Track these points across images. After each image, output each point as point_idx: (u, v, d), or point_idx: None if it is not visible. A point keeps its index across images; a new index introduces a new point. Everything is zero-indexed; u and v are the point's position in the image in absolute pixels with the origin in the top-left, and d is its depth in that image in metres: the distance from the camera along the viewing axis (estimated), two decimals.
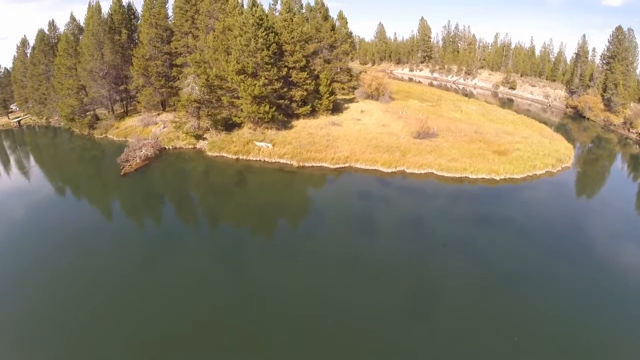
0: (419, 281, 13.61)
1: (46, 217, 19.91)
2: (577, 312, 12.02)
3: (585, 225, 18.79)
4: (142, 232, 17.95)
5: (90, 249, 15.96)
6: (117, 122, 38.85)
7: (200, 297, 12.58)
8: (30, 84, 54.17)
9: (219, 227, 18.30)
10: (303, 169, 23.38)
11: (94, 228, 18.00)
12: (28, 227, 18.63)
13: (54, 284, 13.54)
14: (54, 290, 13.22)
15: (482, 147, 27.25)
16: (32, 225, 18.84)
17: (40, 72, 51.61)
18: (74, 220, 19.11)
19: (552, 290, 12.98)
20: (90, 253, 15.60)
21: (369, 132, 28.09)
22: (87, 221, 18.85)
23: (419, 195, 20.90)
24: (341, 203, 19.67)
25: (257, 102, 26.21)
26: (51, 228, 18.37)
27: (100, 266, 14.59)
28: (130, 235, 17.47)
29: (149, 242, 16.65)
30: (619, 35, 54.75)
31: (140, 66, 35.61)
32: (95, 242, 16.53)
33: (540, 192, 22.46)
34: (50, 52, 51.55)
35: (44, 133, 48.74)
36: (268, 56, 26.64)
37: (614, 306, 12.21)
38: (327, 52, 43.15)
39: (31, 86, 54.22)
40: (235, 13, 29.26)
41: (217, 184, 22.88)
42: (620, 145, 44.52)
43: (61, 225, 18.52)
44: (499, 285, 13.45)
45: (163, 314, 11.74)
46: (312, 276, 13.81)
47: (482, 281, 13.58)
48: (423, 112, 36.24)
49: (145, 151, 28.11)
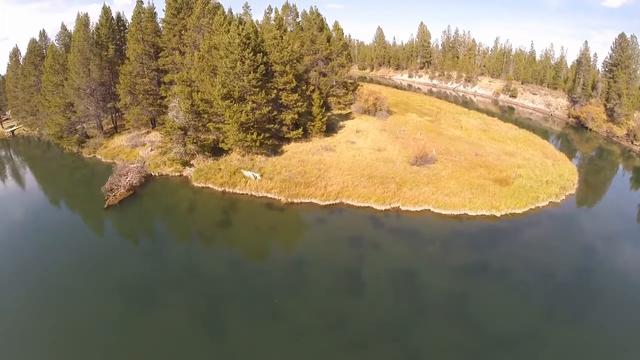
0: (405, 348, 12.32)
1: (16, 258, 18.16)
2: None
3: (589, 273, 16.96)
4: (116, 281, 16.15)
5: (58, 301, 14.59)
6: (106, 140, 36.96)
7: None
8: (22, 95, 52.24)
9: (196, 278, 16.44)
10: (291, 206, 21.43)
11: (63, 274, 16.48)
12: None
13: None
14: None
15: (482, 174, 25.22)
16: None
17: (31, 83, 49.63)
18: (44, 261, 17.56)
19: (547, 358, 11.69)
20: (58, 307, 14.22)
21: (363, 158, 26.05)
22: (58, 263, 17.32)
23: (413, 239, 18.94)
24: (329, 251, 17.78)
25: (244, 129, 24.17)
26: (19, 270, 16.95)
27: (63, 322, 13.18)
28: (102, 285, 15.79)
29: (120, 295, 15.07)
30: (622, 42, 52.09)
31: (127, 84, 33.60)
32: (63, 291, 15.17)
33: (543, 230, 20.53)
34: (40, 63, 49.50)
35: (36, 147, 47.15)
36: (255, 79, 24.55)
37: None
38: (322, 64, 40.87)
39: (22, 97, 52.29)
40: (222, 31, 27.06)
41: (200, 225, 20.99)
42: (623, 158, 42.39)
43: (30, 267, 17.10)
44: (490, 353, 12.17)
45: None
46: (293, 343, 12.38)
47: (474, 346, 12.35)
48: (421, 130, 34.11)
49: (131, 178, 26.21)
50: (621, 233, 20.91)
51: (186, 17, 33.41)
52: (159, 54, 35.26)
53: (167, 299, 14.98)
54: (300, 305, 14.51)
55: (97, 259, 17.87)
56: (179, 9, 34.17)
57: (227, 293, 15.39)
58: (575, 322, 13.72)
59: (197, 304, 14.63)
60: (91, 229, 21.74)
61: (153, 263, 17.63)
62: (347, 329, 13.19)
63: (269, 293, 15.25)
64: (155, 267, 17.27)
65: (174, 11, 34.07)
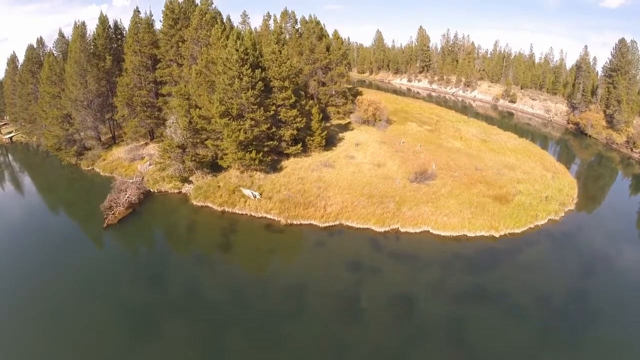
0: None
1: (15, 279, 18.19)
2: None
3: (586, 296, 17.01)
4: (116, 306, 16.16)
5: (58, 324, 14.75)
6: (105, 151, 36.74)
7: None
8: (20, 103, 51.90)
9: (197, 303, 16.43)
10: (291, 227, 21.35)
11: (63, 297, 16.56)
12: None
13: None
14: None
15: (482, 191, 25.16)
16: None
17: (29, 91, 49.29)
18: (43, 283, 17.58)
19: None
20: (57, 331, 14.37)
21: (363, 175, 25.94)
22: (58, 286, 17.34)
23: (412, 262, 18.92)
24: (328, 276, 17.79)
25: (242, 147, 23.98)
26: (18, 292, 17.05)
27: (62, 346, 13.30)
28: (103, 309, 15.82)
29: (121, 319, 15.18)
30: (622, 47, 51.78)
31: (125, 96, 33.27)
32: (62, 314, 15.30)
33: (541, 251, 20.59)
34: (38, 71, 49.03)
35: (34, 155, 46.94)
36: (254, 96, 24.30)
37: None
38: (321, 73, 40.55)
39: (20, 105, 51.95)
40: (219, 45, 26.73)
41: (200, 247, 20.91)
42: (623, 166, 42.37)
43: (29, 288, 17.25)
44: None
45: None
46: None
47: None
48: (421, 141, 33.95)
49: (130, 195, 26.03)
50: (619, 252, 20.89)
51: (183, 29, 33.03)
52: (157, 65, 34.92)
53: (168, 323, 15.09)
54: (300, 331, 14.71)
55: (97, 281, 17.85)
56: (176, 19, 33.79)
57: (228, 318, 15.46)
58: (571, 347, 13.84)
59: (198, 329, 14.71)
60: (91, 250, 21.58)
61: (154, 287, 17.62)
62: (346, 355, 13.37)
63: (270, 318, 15.31)
64: (156, 291, 17.28)
65: (172, 22, 33.67)
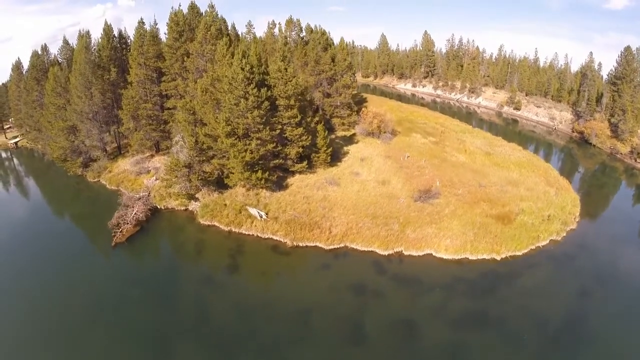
0: None
1: (24, 298, 18.77)
2: None
3: (583, 321, 17.47)
4: (126, 328, 16.89)
5: (66, 346, 15.35)
6: (111, 162, 37.35)
7: None
8: (25, 109, 52.58)
9: (207, 326, 17.04)
10: (297, 250, 21.92)
11: (72, 318, 17.20)
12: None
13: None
14: None
15: (485, 210, 25.61)
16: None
17: (34, 98, 49.92)
18: (53, 304, 18.20)
19: None
20: (66, 353, 14.93)
21: (367, 194, 26.43)
22: (67, 307, 17.92)
23: (415, 286, 19.52)
24: (333, 300, 18.43)
25: (249, 167, 24.44)
26: (28, 311, 17.63)
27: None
28: (113, 331, 16.52)
29: (130, 342, 15.79)
30: (627, 55, 51.74)
31: (130, 109, 33.73)
32: (71, 336, 15.88)
33: (541, 273, 20.94)
34: (43, 78, 49.52)
35: (40, 162, 47.51)
36: (260, 115, 24.70)
37: None
38: (326, 84, 40.81)
39: (25, 112, 52.64)
40: (224, 63, 27.06)
41: (209, 269, 21.52)
42: (627, 176, 42.59)
43: (38, 310, 17.77)
44: None
45: None
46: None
47: None
48: (425, 155, 34.31)
49: (137, 211, 26.66)
50: (618, 273, 21.26)
51: (188, 42, 33.34)
52: (162, 77, 35.29)
53: (177, 345, 15.71)
54: (306, 356, 15.28)
55: (107, 302, 18.51)
56: (181, 32, 34.09)
57: (237, 340, 16.12)
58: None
59: (208, 352, 15.32)
60: (100, 270, 21.99)
61: (164, 308, 18.23)
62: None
63: (277, 342, 15.99)
64: (166, 313, 17.90)
65: (176, 35, 34.05)
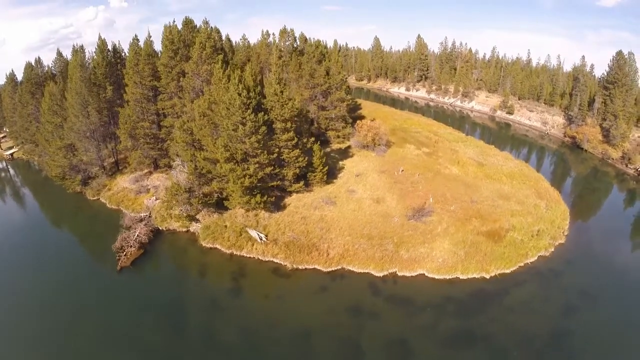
0: None
1: (31, 324, 19.68)
2: None
3: (568, 337, 18.83)
4: (138, 354, 17.98)
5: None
6: (109, 180, 38.14)
7: None
8: (20, 123, 53.07)
9: (213, 351, 18.30)
10: (297, 272, 23.20)
11: (84, 345, 18.10)
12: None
13: None
14: None
15: (476, 227, 27.01)
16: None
17: (29, 112, 50.38)
18: (65, 330, 19.09)
19: None
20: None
21: (363, 212, 27.70)
22: (79, 334, 18.81)
23: (408, 306, 21.00)
24: (332, 322, 19.78)
25: (248, 191, 25.48)
26: (36, 338, 18.52)
27: None
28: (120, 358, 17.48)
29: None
30: (619, 60, 53.08)
31: (127, 128, 34.38)
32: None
33: (528, 290, 22.36)
34: (37, 92, 49.87)
35: (36, 175, 47.38)
36: (257, 141, 25.66)
37: None
38: (321, 97, 41.71)
39: (21, 125, 53.15)
40: (221, 87, 27.87)
41: (213, 292, 22.67)
42: (617, 180, 44.03)
43: (48, 337, 18.65)
44: None
45: None
46: None
47: None
48: (419, 169, 35.54)
49: (139, 233, 27.67)
50: (602, 289, 22.55)
51: (183, 62, 33.93)
52: (159, 96, 35.92)
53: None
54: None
55: (116, 327, 19.65)
56: (176, 50, 34.63)
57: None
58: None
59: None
60: (107, 294, 22.80)
61: (172, 332, 19.51)
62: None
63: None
64: (175, 337, 19.19)
65: (171, 53, 34.57)
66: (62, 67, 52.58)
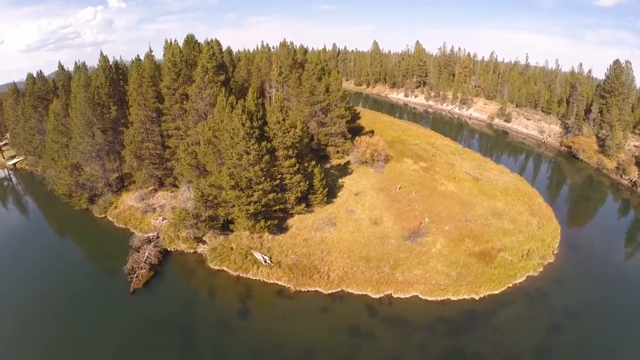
0: None
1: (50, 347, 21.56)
2: None
3: (550, 355, 20.97)
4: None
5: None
6: (115, 197, 40.03)
7: None
8: (23, 135, 54.87)
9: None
10: (299, 294, 25.45)
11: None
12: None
13: None
14: None
15: (469, 247, 29.23)
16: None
17: (32, 125, 52.07)
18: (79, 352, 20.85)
19: None
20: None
21: (361, 234, 29.95)
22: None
23: (402, 326, 23.20)
24: (333, 342, 22.07)
25: (253, 217, 27.63)
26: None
27: None
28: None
29: None
30: (616, 69, 54.89)
31: (132, 149, 36.23)
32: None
33: (514, 310, 24.49)
34: (40, 105, 51.58)
35: (40, 186, 47.02)
36: (261, 169, 27.70)
37: None
38: (321, 114, 43.59)
39: (24, 138, 54.93)
40: (225, 115, 29.78)
41: (221, 313, 24.87)
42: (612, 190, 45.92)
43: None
44: None
45: None
46: None
47: None
48: (416, 186, 37.67)
49: (149, 255, 29.83)
50: (589, 307, 24.70)
51: (186, 85, 35.63)
52: (162, 117, 37.72)
53: None
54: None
55: (132, 348, 21.73)
56: (179, 72, 36.25)
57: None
58: None
59: None
60: (122, 316, 24.84)
61: (185, 353, 21.60)
62: None
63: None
64: (188, 357, 21.28)
65: (174, 76, 36.20)
66: (64, 81, 54.28)
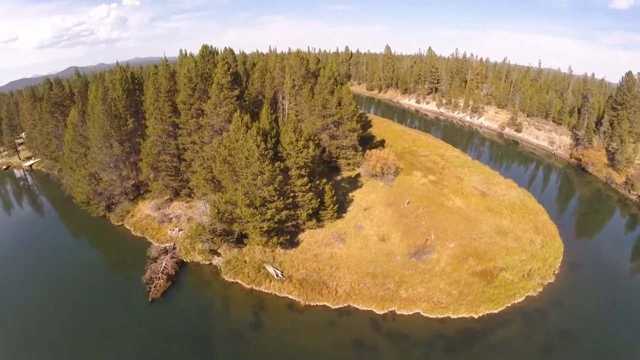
0: None
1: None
2: None
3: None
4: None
5: None
6: (132, 205, 42.61)
7: None
8: (40, 140, 57.88)
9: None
10: (309, 308, 27.74)
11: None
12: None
13: None
14: None
15: (472, 266, 31.11)
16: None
17: (49, 130, 54.88)
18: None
19: None
20: None
21: (369, 250, 32.08)
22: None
23: (403, 343, 25.23)
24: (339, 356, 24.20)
25: (266, 233, 29.92)
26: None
27: None
28: None
29: None
30: (628, 81, 55.44)
31: (149, 161, 38.62)
32: None
33: (512, 329, 25.94)
34: (57, 111, 54.45)
35: (56, 189, 49.33)
36: (275, 189, 29.87)
37: None
38: (333, 127, 45.42)
39: (41, 142, 57.92)
40: (240, 135, 31.86)
41: (235, 325, 27.06)
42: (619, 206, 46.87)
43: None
44: None
45: None
46: None
47: None
48: (424, 201, 39.49)
49: (166, 265, 32.44)
50: (585, 328, 26.25)
51: (202, 100, 37.71)
52: (179, 130, 39.97)
53: None
54: None
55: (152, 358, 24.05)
56: (194, 88, 38.28)
57: None
58: None
59: None
60: (141, 325, 26.98)
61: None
62: None
63: None
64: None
65: (190, 91, 38.23)
66: (80, 87, 57.00)
